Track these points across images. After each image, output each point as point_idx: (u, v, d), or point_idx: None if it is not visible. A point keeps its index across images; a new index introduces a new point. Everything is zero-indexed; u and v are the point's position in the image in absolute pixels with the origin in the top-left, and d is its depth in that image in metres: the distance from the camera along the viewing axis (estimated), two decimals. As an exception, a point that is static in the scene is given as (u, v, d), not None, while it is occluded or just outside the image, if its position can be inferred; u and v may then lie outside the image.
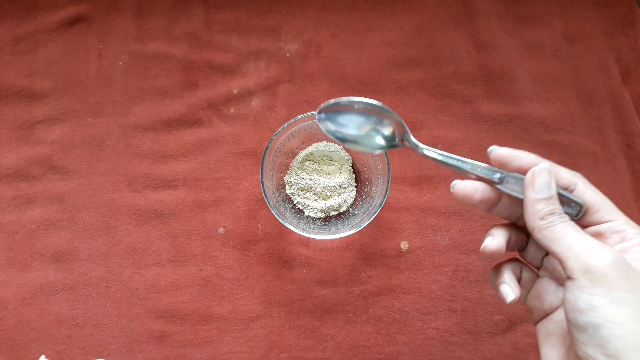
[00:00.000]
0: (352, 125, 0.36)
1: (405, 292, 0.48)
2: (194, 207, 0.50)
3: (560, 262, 0.27)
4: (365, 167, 0.48)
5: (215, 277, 0.48)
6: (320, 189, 0.48)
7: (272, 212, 0.42)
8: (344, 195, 0.48)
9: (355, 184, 0.49)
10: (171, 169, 0.51)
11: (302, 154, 0.49)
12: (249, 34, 0.54)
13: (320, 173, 0.49)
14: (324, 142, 0.49)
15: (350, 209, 0.49)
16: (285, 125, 0.44)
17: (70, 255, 0.48)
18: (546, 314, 0.31)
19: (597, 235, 0.29)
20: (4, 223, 0.49)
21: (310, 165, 0.49)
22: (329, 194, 0.48)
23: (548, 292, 0.31)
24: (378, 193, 0.44)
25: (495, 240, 0.31)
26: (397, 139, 0.35)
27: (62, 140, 0.51)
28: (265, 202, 0.44)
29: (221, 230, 0.49)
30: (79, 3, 0.54)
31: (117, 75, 0.53)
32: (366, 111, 0.35)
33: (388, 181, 0.42)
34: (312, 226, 0.47)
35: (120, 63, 0.53)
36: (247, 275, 0.48)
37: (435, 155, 0.33)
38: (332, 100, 0.36)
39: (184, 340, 0.47)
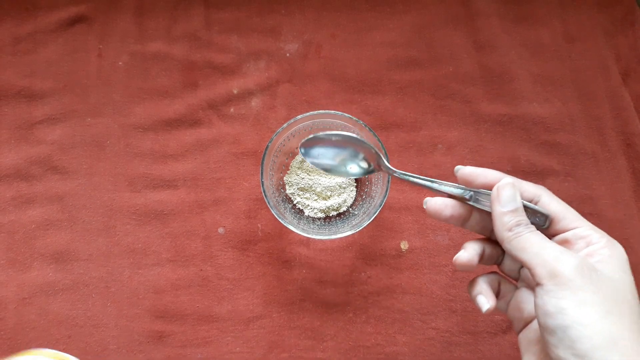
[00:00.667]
0: (330, 156, 0.39)
1: (405, 292, 0.48)
2: (193, 207, 0.50)
3: (529, 269, 0.28)
4: (365, 167, 0.48)
5: (215, 277, 0.48)
6: (320, 189, 0.48)
7: (272, 212, 0.42)
8: (344, 195, 0.48)
9: (355, 184, 0.49)
10: (171, 169, 0.51)
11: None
12: (249, 34, 0.54)
13: (320, 173, 0.49)
14: (324, 142, 0.49)
15: (350, 209, 0.49)
16: (285, 125, 0.44)
17: (70, 255, 0.48)
18: (526, 323, 0.32)
19: (564, 243, 0.30)
20: (4, 223, 0.49)
21: (310, 165, 0.49)
22: (329, 194, 0.48)
23: (526, 301, 0.33)
24: (378, 193, 0.44)
25: (467, 253, 0.32)
26: (372, 166, 0.39)
27: (62, 140, 0.51)
28: (265, 202, 0.44)
29: (221, 230, 0.49)
30: (79, 3, 0.54)
31: (117, 75, 0.53)
32: (343, 143, 0.38)
33: (388, 181, 0.42)
34: (312, 226, 0.47)
35: (120, 63, 0.53)
36: (247, 275, 0.48)
37: (407, 178, 0.36)
38: (311, 135, 0.39)
39: (184, 341, 0.47)
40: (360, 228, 0.42)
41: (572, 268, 0.27)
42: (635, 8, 0.55)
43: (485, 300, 0.32)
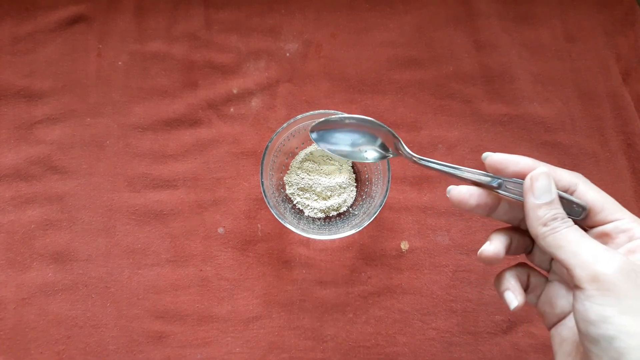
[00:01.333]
0: (345, 141, 0.37)
1: (405, 293, 0.48)
2: (193, 207, 0.50)
3: (567, 269, 0.26)
4: (365, 167, 0.48)
5: (215, 278, 0.48)
6: (320, 189, 0.48)
7: (272, 212, 0.42)
8: (344, 195, 0.48)
9: (355, 184, 0.49)
10: (171, 169, 0.50)
11: (302, 154, 0.49)
12: (249, 34, 0.54)
13: (320, 173, 0.49)
14: (324, 142, 0.49)
15: (350, 209, 0.49)
16: (285, 125, 0.44)
17: (69, 255, 0.48)
18: (559, 319, 0.30)
19: (604, 236, 0.28)
20: (4, 223, 0.49)
21: (310, 165, 0.49)
22: (329, 194, 0.48)
23: (559, 296, 0.30)
24: (378, 193, 0.44)
25: (493, 245, 0.30)
26: (390, 150, 0.36)
27: (62, 140, 0.51)
28: (265, 202, 0.44)
29: (221, 230, 0.49)
30: (79, 3, 0.54)
31: (117, 75, 0.53)
32: (357, 126, 0.36)
33: (388, 181, 0.42)
34: (312, 226, 0.46)
35: (120, 63, 0.53)
36: (246, 275, 0.48)
37: (430, 164, 0.33)
38: (323, 119, 0.36)
39: (184, 341, 0.46)
40: (361, 228, 0.42)
41: (616, 271, 0.24)
42: (635, 8, 0.55)
43: (513, 296, 0.30)
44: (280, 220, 0.42)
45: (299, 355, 0.46)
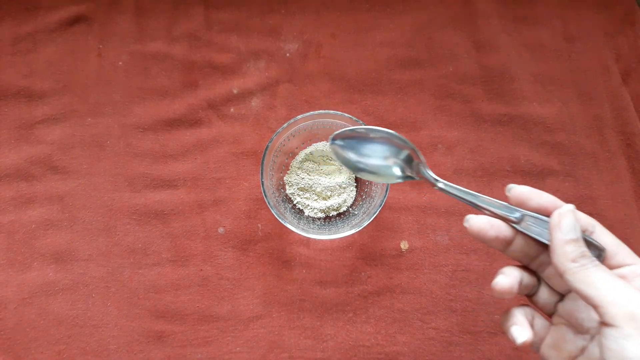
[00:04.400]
0: (367, 154, 0.35)
1: (405, 292, 0.48)
2: (194, 207, 0.50)
3: (597, 307, 0.26)
4: (365, 167, 0.48)
5: (215, 277, 0.48)
6: (320, 189, 0.48)
7: (272, 212, 0.42)
8: (344, 195, 0.48)
9: (355, 184, 0.49)
10: (171, 169, 0.51)
11: (302, 154, 0.49)
12: (249, 34, 0.54)
13: (320, 173, 0.49)
14: (324, 142, 0.49)
15: (350, 209, 0.49)
16: (285, 125, 0.44)
17: (70, 255, 0.48)
18: None
19: (621, 278, 0.28)
20: (4, 223, 0.49)
21: (310, 165, 0.49)
22: (329, 194, 0.48)
23: (565, 340, 0.30)
24: (378, 193, 0.44)
25: (508, 278, 0.30)
26: (412, 171, 0.34)
27: (62, 140, 0.51)
28: (265, 202, 0.44)
29: (221, 230, 0.49)
30: (79, 3, 0.54)
31: (117, 75, 0.53)
32: (382, 140, 0.35)
33: (388, 181, 0.42)
34: (312, 226, 0.47)
35: (120, 63, 0.53)
36: (247, 275, 0.48)
37: (451, 190, 0.32)
38: (348, 129, 0.35)
39: (184, 340, 0.47)
40: (360, 228, 0.42)
41: None
42: (635, 8, 0.55)
43: (520, 330, 0.30)
44: (280, 220, 0.42)
45: (299, 355, 0.46)
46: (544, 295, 0.32)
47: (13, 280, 0.48)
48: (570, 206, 0.29)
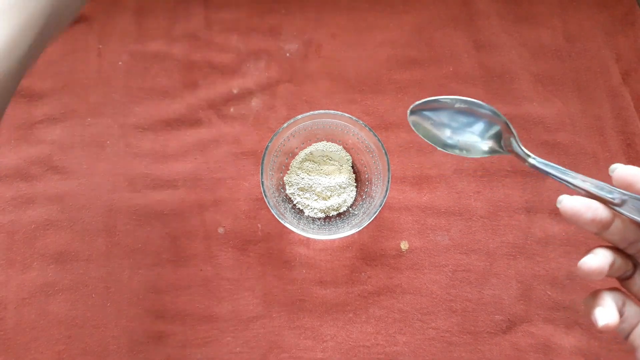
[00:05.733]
0: (452, 126, 0.32)
1: (405, 292, 0.48)
2: (194, 207, 0.50)
3: None
4: (365, 167, 0.48)
5: (215, 277, 0.48)
6: (320, 189, 0.48)
7: (272, 212, 0.42)
8: (344, 195, 0.48)
9: (355, 184, 0.49)
10: (171, 169, 0.50)
11: (302, 154, 0.49)
12: (249, 34, 0.54)
13: (320, 173, 0.49)
14: (324, 142, 0.49)
15: (350, 209, 0.49)
16: (285, 125, 0.44)
17: (70, 255, 0.48)
18: None
19: None
20: (4, 223, 0.49)
21: (310, 165, 0.49)
22: (329, 194, 0.48)
23: None
24: (378, 193, 0.44)
25: (598, 258, 0.27)
26: (501, 144, 0.32)
27: (62, 140, 0.51)
28: (265, 202, 0.44)
29: (221, 230, 0.49)
30: (79, 3, 0.54)
31: (117, 75, 0.53)
32: (468, 111, 0.32)
33: (388, 181, 0.42)
34: (312, 226, 0.46)
35: (120, 63, 0.53)
36: (247, 275, 0.48)
37: (544, 167, 0.30)
38: (429, 98, 0.32)
39: (184, 341, 0.47)
40: (360, 228, 0.42)
41: None
42: (635, 8, 0.55)
43: (604, 312, 0.27)
44: (280, 220, 0.42)
45: (299, 355, 0.46)
46: (639, 280, 0.29)
47: (13, 280, 0.48)
48: None
